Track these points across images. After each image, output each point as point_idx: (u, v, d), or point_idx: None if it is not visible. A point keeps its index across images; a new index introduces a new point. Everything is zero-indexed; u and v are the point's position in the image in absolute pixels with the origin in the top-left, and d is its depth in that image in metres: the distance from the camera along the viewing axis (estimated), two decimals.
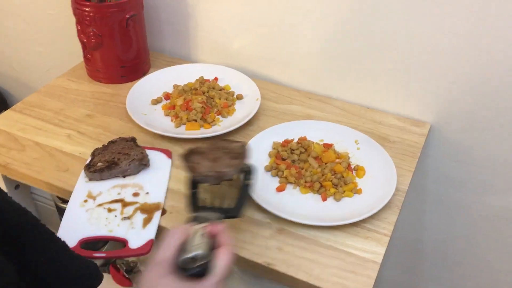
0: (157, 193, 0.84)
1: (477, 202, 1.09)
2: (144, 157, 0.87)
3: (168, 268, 0.51)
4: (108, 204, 0.81)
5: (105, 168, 0.85)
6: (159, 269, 0.51)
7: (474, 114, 0.98)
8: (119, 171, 0.86)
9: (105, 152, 0.89)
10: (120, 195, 0.83)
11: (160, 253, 0.53)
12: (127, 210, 0.80)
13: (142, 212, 0.80)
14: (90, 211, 0.80)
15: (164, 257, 0.52)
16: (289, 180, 0.86)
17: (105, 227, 0.77)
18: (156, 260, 0.52)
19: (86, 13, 1.00)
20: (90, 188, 0.84)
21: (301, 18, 1.02)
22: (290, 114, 1.03)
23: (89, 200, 0.82)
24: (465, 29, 0.89)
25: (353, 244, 0.77)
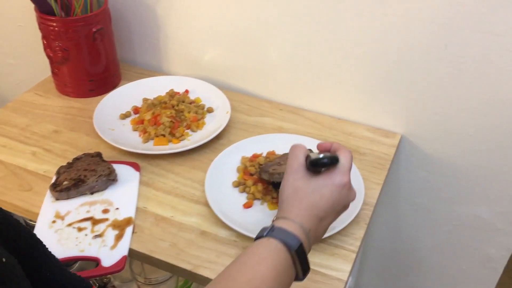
0: (127, 208, 0.83)
1: (449, 211, 1.09)
2: (112, 172, 0.86)
3: (303, 172, 0.58)
4: (78, 223, 0.80)
5: (72, 186, 0.84)
6: (296, 175, 0.57)
7: (444, 124, 0.98)
8: (87, 188, 0.84)
9: (70, 170, 0.87)
10: (90, 212, 0.82)
11: (292, 162, 0.59)
12: (98, 227, 0.79)
13: (113, 228, 0.79)
14: (60, 232, 0.78)
15: (295, 165, 0.58)
16: (256, 196, 0.85)
17: (76, 247, 0.76)
18: (290, 170, 0.58)
19: (51, 27, 0.99)
20: (57, 208, 0.82)
21: (271, 30, 1.02)
22: (261, 127, 1.03)
23: (57, 220, 0.80)
24: (432, 40, 0.89)
25: (319, 261, 0.76)
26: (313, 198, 0.57)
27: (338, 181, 0.58)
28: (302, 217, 0.55)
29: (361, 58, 0.97)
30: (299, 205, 0.56)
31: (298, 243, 0.54)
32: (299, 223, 0.55)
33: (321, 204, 0.57)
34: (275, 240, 0.53)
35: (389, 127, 1.03)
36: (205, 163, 0.92)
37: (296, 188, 0.57)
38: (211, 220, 0.82)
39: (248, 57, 1.08)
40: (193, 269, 0.74)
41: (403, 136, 1.03)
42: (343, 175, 0.59)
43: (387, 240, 1.22)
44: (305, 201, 0.56)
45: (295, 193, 0.57)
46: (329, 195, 0.57)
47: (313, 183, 0.57)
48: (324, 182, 0.58)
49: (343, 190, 0.59)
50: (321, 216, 0.57)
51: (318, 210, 0.57)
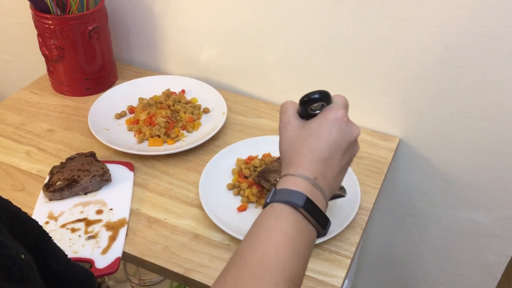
0: (121, 209, 0.82)
1: (447, 215, 1.08)
2: (105, 173, 0.85)
3: (296, 121, 0.54)
4: (71, 224, 0.79)
5: (65, 186, 0.83)
6: (288, 126, 0.54)
7: (442, 128, 0.97)
8: (80, 188, 0.83)
9: (64, 170, 0.86)
10: (83, 213, 0.81)
11: (283, 116, 0.56)
12: (91, 228, 0.78)
13: (107, 229, 0.78)
14: (53, 233, 0.77)
15: (288, 115, 0.55)
16: (250, 200, 0.84)
17: (69, 248, 0.75)
18: (283, 122, 0.55)
19: (46, 25, 0.98)
20: (50, 208, 0.81)
21: (268, 30, 1.01)
22: (257, 128, 1.02)
23: (50, 221, 0.79)
24: (430, 43, 0.88)
25: (313, 267, 0.75)
26: (311, 142, 0.52)
27: (333, 116, 0.53)
28: (304, 167, 0.51)
29: (358, 60, 0.96)
30: (297, 155, 0.52)
31: (304, 198, 0.48)
32: (301, 175, 0.50)
33: (320, 145, 0.52)
34: (278, 204, 0.48)
35: (387, 130, 1.02)
36: (200, 165, 0.91)
37: (291, 139, 0.54)
38: (204, 223, 0.81)
39: (245, 57, 1.07)
40: (185, 273, 0.73)
41: (402, 140, 1.02)
42: (337, 110, 0.54)
43: (383, 244, 1.21)
44: (303, 148, 0.52)
45: (292, 144, 0.53)
46: (327, 132, 0.52)
47: (308, 128, 0.54)
48: (319, 121, 0.54)
49: (341, 124, 0.54)
50: (325, 157, 0.52)
51: (319, 152, 0.52)
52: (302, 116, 0.57)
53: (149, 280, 1.08)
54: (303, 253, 0.47)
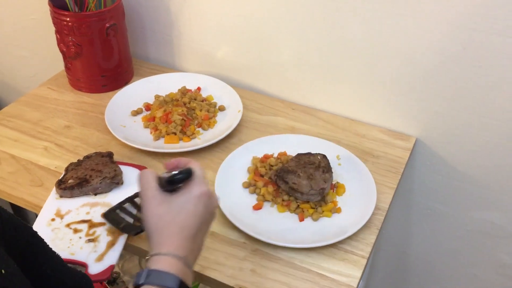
0: None
1: (463, 216, 1.07)
2: (117, 175, 0.83)
3: (159, 197, 0.55)
4: (76, 224, 0.77)
5: (76, 185, 0.82)
6: (152, 202, 0.55)
7: (460, 128, 0.96)
8: (90, 189, 0.82)
9: (79, 168, 0.86)
10: (89, 214, 0.79)
11: (146, 190, 0.55)
12: (93, 231, 0.76)
13: (108, 234, 0.76)
14: (56, 231, 0.76)
15: (152, 189, 0.55)
16: (266, 198, 0.84)
17: (68, 249, 0.73)
18: (147, 194, 0.55)
19: (64, 22, 0.98)
20: (59, 205, 0.81)
21: (284, 27, 1.00)
22: (273, 126, 1.02)
23: (56, 219, 0.79)
24: (450, 43, 0.87)
25: (328, 266, 0.75)
26: (180, 219, 0.54)
27: (198, 192, 0.56)
28: (176, 246, 0.52)
29: (375, 59, 0.95)
30: (168, 233, 0.52)
31: (178, 281, 0.50)
32: (174, 255, 0.51)
33: (190, 222, 0.54)
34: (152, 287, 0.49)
35: (404, 130, 1.01)
36: (215, 163, 0.91)
37: (159, 216, 0.54)
38: (220, 221, 0.81)
39: (261, 55, 1.07)
40: (201, 270, 0.74)
41: (418, 139, 1.01)
42: (200, 185, 0.56)
43: (398, 243, 1.20)
44: (173, 225, 0.53)
45: (160, 221, 0.54)
46: (193, 209, 0.55)
47: (175, 203, 0.54)
48: (184, 198, 0.55)
49: (206, 199, 0.56)
50: (193, 233, 0.54)
51: (189, 230, 0.54)
52: (165, 187, 0.57)
53: None
54: None
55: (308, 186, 0.81)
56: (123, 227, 0.75)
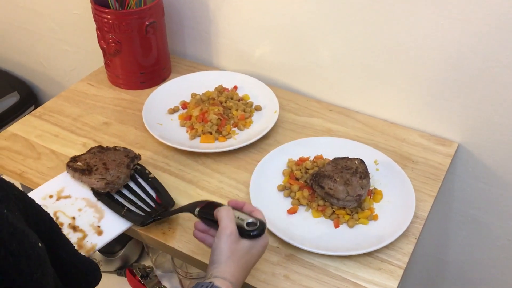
0: (104, 236, 0.75)
1: (504, 226, 1.03)
2: (112, 183, 0.79)
3: (237, 235, 0.65)
4: (62, 214, 0.75)
5: (80, 170, 0.80)
6: (232, 237, 0.64)
7: (505, 134, 0.92)
8: (88, 181, 0.80)
9: (99, 155, 0.84)
10: (80, 212, 0.76)
11: (228, 225, 0.65)
12: (68, 232, 0.74)
13: (78, 245, 0.73)
14: (43, 208, 0.74)
15: (232, 228, 0.65)
16: (301, 202, 0.83)
17: None
18: (227, 232, 0.64)
19: (105, 20, 1.00)
20: (66, 185, 0.79)
21: (324, 27, 0.98)
22: (309, 128, 1.00)
23: (54, 197, 0.77)
24: (496, 46, 0.83)
25: (363, 275, 0.74)
26: (246, 259, 0.65)
27: (264, 242, 0.67)
28: (236, 277, 0.63)
29: (417, 61, 0.92)
30: (235, 267, 0.63)
31: None
32: (234, 283, 0.62)
33: (251, 262, 0.66)
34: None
35: (446, 135, 0.98)
36: (250, 164, 0.91)
37: (233, 251, 0.64)
38: None
39: (299, 54, 1.05)
40: None
41: (460, 145, 0.97)
42: (266, 237, 0.68)
43: (434, 249, 1.17)
44: (240, 263, 0.64)
45: (233, 256, 0.64)
46: (256, 254, 0.66)
47: (246, 246, 0.65)
48: (255, 245, 0.66)
49: (265, 248, 0.68)
50: (247, 272, 0.66)
51: (248, 267, 0.66)
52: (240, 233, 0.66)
53: (195, 274, 1.09)
54: None
55: (344, 192, 0.79)
56: (125, 215, 0.78)
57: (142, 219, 0.77)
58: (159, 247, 0.81)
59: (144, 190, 0.83)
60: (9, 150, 0.94)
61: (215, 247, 0.65)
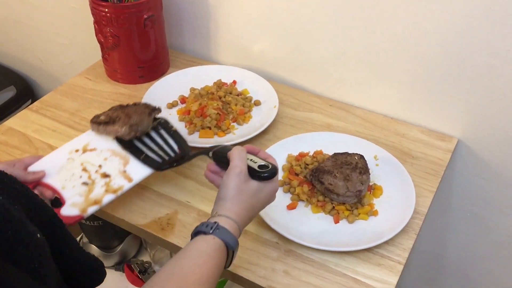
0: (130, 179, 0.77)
1: (503, 221, 1.03)
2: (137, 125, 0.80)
3: (246, 175, 0.65)
4: (88, 164, 0.78)
5: (103, 123, 0.82)
6: (240, 177, 0.64)
7: (506, 130, 0.91)
8: (112, 130, 0.81)
9: (120, 110, 0.85)
10: (106, 160, 0.78)
11: (239, 164, 0.65)
12: (95, 177, 0.76)
13: (103, 187, 0.75)
14: (70, 161, 0.78)
15: (242, 167, 0.65)
16: (300, 198, 0.82)
17: (64, 181, 0.75)
18: (236, 171, 0.64)
19: (103, 13, 0.99)
20: (91, 140, 0.82)
21: (324, 22, 0.97)
22: (309, 123, 1.00)
23: (79, 151, 0.80)
24: (499, 42, 0.82)
25: (363, 271, 0.73)
26: (252, 201, 0.65)
27: (273, 187, 0.67)
28: (242, 218, 0.63)
29: (418, 56, 0.91)
30: (240, 206, 0.63)
31: (237, 244, 0.62)
32: (238, 224, 0.62)
33: (257, 206, 0.66)
34: (219, 240, 0.60)
35: (445, 130, 0.97)
36: None
37: (241, 190, 0.64)
38: (253, 220, 0.80)
39: (299, 49, 1.04)
40: (234, 269, 0.73)
41: (460, 141, 0.97)
42: (276, 183, 0.68)
43: (434, 245, 1.17)
44: (246, 203, 0.64)
45: (240, 195, 0.64)
46: (264, 198, 0.66)
47: (255, 187, 0.65)
48: (263, 188, 0.66)
49: (273, 194, 0.68)
50: (252, 216, 0.66)
51: (253, 211, 0.66)
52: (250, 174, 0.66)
53: None
54: (219, 277, 0.60)
55: (344, 187, 0.79)
56: (144, 159, 0.79)
57: (160, 165, 0.79)
58: (157, 242, 0.80)
59: (165, 141, 0.83)
60: (6, 145, 0.93)
61: (223, 184, 0.65)
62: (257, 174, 0.65)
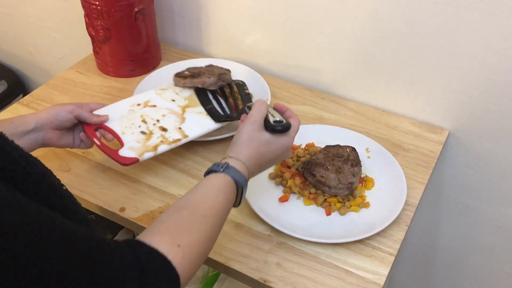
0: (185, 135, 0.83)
1: (494, 212, 1.04)
2: (224, 74, 0.94)
3: (261, 125, 0.69)
4: (147, 117, 0.85)
5: (189, 76, 0.92)
6: (254, 126, 0.68)
7: (497, 122, 0.92)
8: (199, 81, 0.91)
9: (197, 68, 0.98)
10: (164, 117, 0.85)
11: (255, 114, 0.69)
12: (153, 128, 0.83)
13: (159, 138, 0.81)
14: (130, 112, 0.85)
15: (257, 118, 0.69)
16: (293, 190, 0.83)
17: (124, 128, 0.82)
18: (251, 120, 0.68)
19: (94, 6, 0.98)
20: (152, 98, 0.89)
21: (317, 16, 0.97)
22: (301, 116, 0.99)
23: (141, 105, 0.87)
24: (491, 33, 0.83)
25: (355, 262, 0.74)
26: (262, 149, 0.68)
27: (285, 142, 0.70)
28: (251, 162, 0.67)
29: (409, 49, 0.92)
30: (251, 152, 0.67)
31: (246, 182, 0.65)
32: (247, 166, 0.66)
33: (267, 156, 0.69)
34: (229, 177, 0.63)
35: (437, 122, 0.98)
36: None
37: (252, 137, 0.67)
38: (246, 212, 0.80)
39: (291, 42, 1.04)
40: (226, 262, 0.74)
41: (451, 132, 0.97)
42: (290, 138, 0.71)
43: (425, 237, 1.18)
44: (256, 150, 0.67)
45: (250, 141, 0.67)
46: (274, 151, 0.69)
47: (266, 138, 0.69)
48: (275, 140, 0.69)
49: (285, 150, 0.71)
50: (263, 164, 0.69)
51: (263, 160, 0.69)
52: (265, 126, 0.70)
53: None
54: (228, 213, 0.64)
55: (336, 179, 0.79)
56: (209, 109, 0.88)
57: (219, 117, 0.87)
58: None
59: (234, 99, 0.93)
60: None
61: (238, 131, 0.69)
62: (271, 127, 0.69)
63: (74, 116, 0.79)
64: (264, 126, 0.69)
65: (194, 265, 0.55)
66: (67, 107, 0.79)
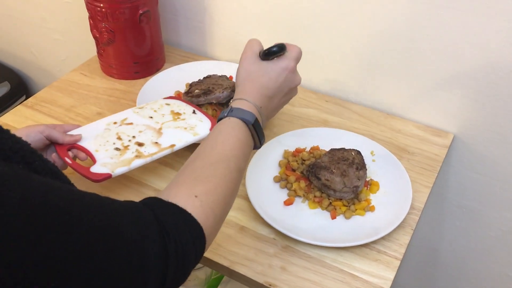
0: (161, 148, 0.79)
1: (498, 216, 1.03)
2: (234, 87, 0.92)
3: (255, 58, 0.68)
4: (123, 134, 0.81)
5: (202, 94, 0.92)
6: (249, 60, 0.68)
7: (503, 126, 0.92)
8: (214, 97, 0.91)
9: (201, 83, 0.96)
10: (140, 133, 0.82)
11: (246, 51, 0.69)
12: (128, 144, 0.80)
13: (133, 153, 0.78)
14: (106, 130, 0.83)
15: (249, 53, 0.68)
16: (297, 194, 0.82)
17: (98, 146, 0.79)
18: (243, 56, 0.68)
19: (98, 8, 0.98)
20: (129, 116, 0.86)
21: (319, 17, 0.97)
22: (305, 119, 0.99)
23: (118, 123, 0.85)
24: (497, 39, 0.82)
25: (360, 266, 0.73)
26: (263, 80, 0.66)
27: (284, 65, 0.68)
28: (255, 96, 0.65)
29: (414, 52, 0.91)
30: (252, 87, 0.65)
31: (254, 118, 0.63)
32: (252, 102, 0.64)
33: (269, 85, 0.67)
34: (235, 118, 0.62)
35: (441, 126, 0.98)
36: None
37: (249, 72, 0.67)
38: (250, 215, 0.80)
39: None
40: (230, 265, 0.73)
41: (456, 136, 0.97)
42: (289, 60, 0.69)
43: (429, 239, 1.17)
44: (257, 82, 0.66)
45: (248, 76, 0.66)
46: (275, 77, 0.67)
47: (263, 67, 0.67)
48: (272, 66, 0.68)
49: (288, 73, 0.68)
50: (270, 95, 0.67)
51: (267, 90, 0.67)
52: (262, 56, 0.69)
53: None
54: (246, 155, 0.62)
55: (341, 183, 0.79)
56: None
57: None
58: None
59: None
60: None
61: (236, 73, 0.69)
62: (265, 52, 0.67)
63: (44, 137, 0.76)
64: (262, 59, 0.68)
65: (217, 214, 0.54)
66: (38, 128, 0.76)
